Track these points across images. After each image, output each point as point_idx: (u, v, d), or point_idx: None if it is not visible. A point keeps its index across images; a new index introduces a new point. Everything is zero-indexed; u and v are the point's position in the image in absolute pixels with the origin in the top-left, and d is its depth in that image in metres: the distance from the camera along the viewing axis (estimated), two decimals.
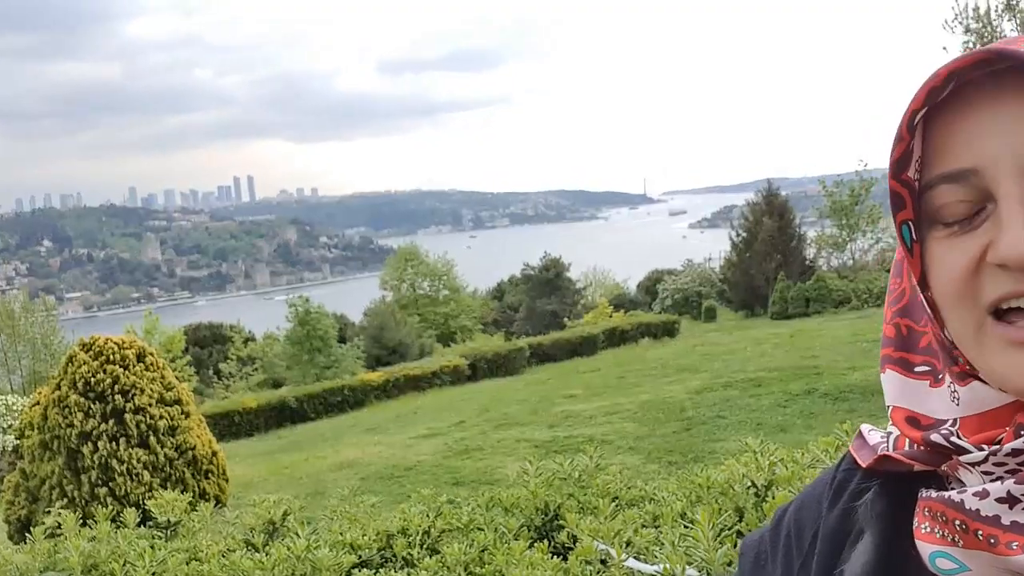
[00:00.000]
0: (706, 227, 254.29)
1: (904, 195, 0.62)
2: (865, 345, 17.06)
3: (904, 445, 0.65)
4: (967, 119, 0.59)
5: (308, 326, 29.94)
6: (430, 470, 11.26)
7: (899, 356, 0.68)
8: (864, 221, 34.31)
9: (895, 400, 0.67)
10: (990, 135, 0.57)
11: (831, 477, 0.77)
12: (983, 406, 0.61)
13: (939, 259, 0.61)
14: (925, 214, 0.62)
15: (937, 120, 0.60)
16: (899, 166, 0.61)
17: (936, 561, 0.61)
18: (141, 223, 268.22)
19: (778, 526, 0.81)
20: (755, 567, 0.83)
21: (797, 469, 2.51)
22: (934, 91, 0.59)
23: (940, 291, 0.61)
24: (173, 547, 3.27)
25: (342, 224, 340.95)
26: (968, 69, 0.58)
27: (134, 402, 9.24)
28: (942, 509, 0.60)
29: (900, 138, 0.60)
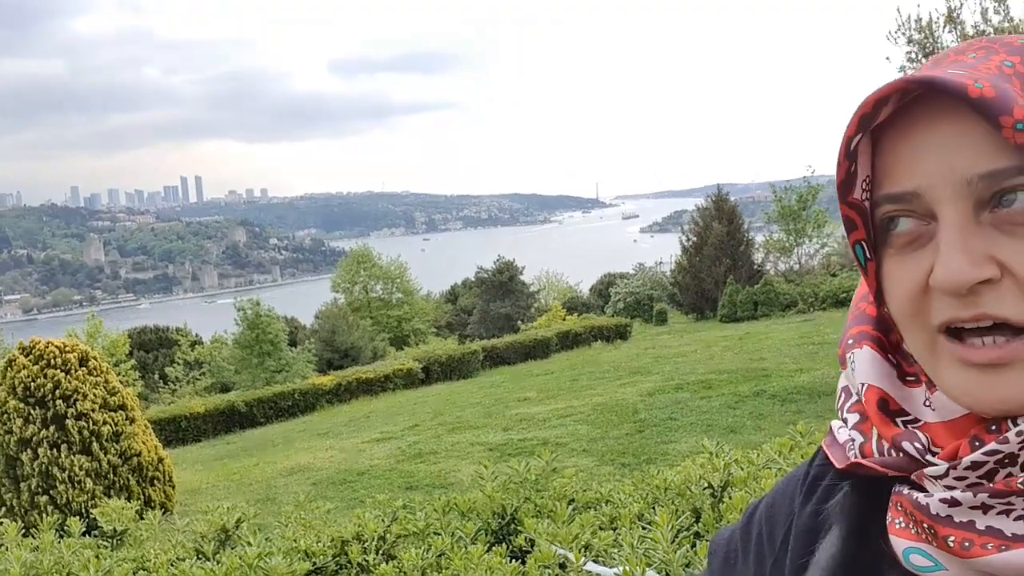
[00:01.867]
0: (657, 231, 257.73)
1: (854, 217, 0.62)
2: (811, 348, 17.43)
3: (873, 451, 0.64)
4: (908, 140, 0.59)
5: (258, 329, 29.45)
6: (383, 474, 11.14)
7: (876, 335, 0.68)
8: (811, 226, 35.10)
9: (869, 378, 0.66)
10: (927, 157, 0.58)
11: (803, 473, 0.76)
12: (949, 414, 0.61)
13: (892, 277, 0.62)
14: (877, 231, 0.63)
15: (884, 139, 0.61)
16: (844, 190, 0.62)
17: (910, 557, 0.61)
18: (84, 223, 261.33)
19: (749, 524, 0.80)
20: (725, 565, 0.81)
21: (752, 470, 2.54)
22: (865, 118, 0.59)
23: (895, 309, 0.62)
24: (119, 556, 3.17)
25: (293, 226, 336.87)
26: (893, 96, 0.58)
27: (76, 407, 8.98)
28: (911, 509, 0.61)
29: (840, 163, 0.61)
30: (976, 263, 0.55)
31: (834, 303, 29.00)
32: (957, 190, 0.56)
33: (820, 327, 21.79)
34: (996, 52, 0.59)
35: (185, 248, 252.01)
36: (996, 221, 0.56)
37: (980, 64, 0.58)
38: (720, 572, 0.82)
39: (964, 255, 0.55)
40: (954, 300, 0.56)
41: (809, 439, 2.66)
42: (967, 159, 0.56)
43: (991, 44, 0.61)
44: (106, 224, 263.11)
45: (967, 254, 0.55)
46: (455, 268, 78.13)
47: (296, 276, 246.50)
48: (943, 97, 0.57)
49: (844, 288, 29.32)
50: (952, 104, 0.57)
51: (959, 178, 0.56)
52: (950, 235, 0.56)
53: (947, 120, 0.57)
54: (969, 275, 0.55)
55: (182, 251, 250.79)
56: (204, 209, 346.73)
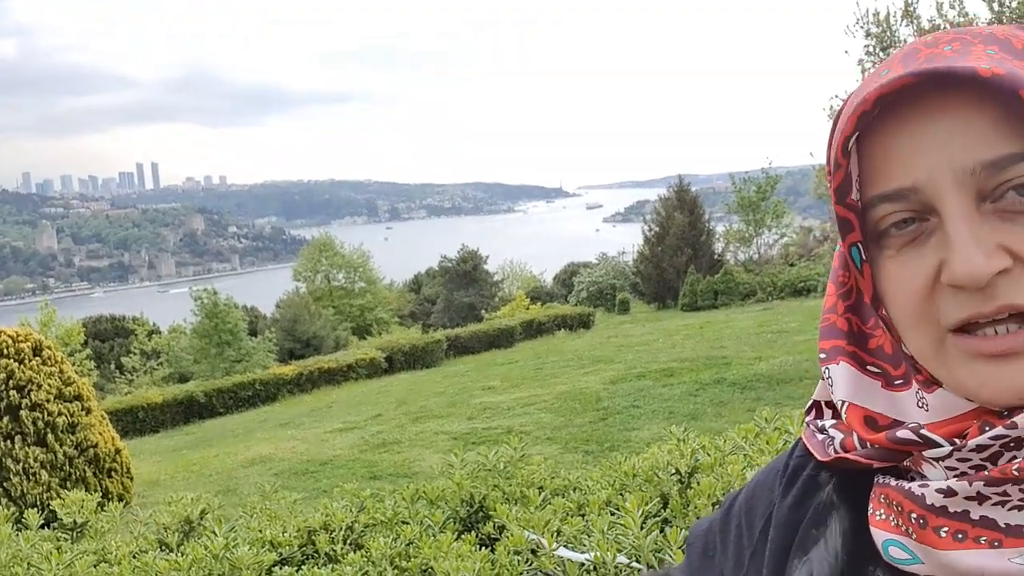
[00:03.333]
0: (620, 221, 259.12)
1: (851, 219, 0.60)
2: (770, 336, 17.72)
3: (855, 445, 0.63)
4: (899, 136, 0.57)
5: (216, 319, 29.03)
6: (347, 464, 11.08)
7: (852, 350, 0.66)
8: (769, 217, 35.63)
9: (850, 397, 0.65)
10: (924, 151, 0.56)
11: (783, 464, 0.75)
12: (950, 412, 0.60)
13: (892, 279, 0.60)
14: (870, 233, 0.61)
15: (869, 139, 0.59)
16: (841, 192, 0.60)
17: (889, 549, 0.60)
18: (36, 210, 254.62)
19: (727, 515, 0.80)
20: (703, 557, 0.81)
21: (719, 456, 2.57)
22: (864, 115, 0.57)
23: (897, 311, 0.60)
24: (81, 549, 3.11)
25: (253, 213, 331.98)
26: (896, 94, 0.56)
27: (30, 398, 8.79)
28: (900, 499, 0.60)
29: (837, 165, 0.59)
30: (989, 255, 0.54)
31: (792, 292, 29.49)
32: (960, 180, 0.55)
33: (779, 316, 22.15)
34: (972, 43, 0.58)
35: (141, 236, 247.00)
36: (999, 211, 0.55)
37: (963, 57, 0.56)
38: (698, 564, 0.81)
39: (977, 248, 0.54)
40: (971, 295, 0.55)
41: (774, 425, 2.70)
42: (969, 148, 0.55)
43: (962, 35, 0.60)
44: (59, 211, 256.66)
45: (980, 246, 0.54)
46: (418, 257, 77.74)
47: (256, 265, 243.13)
48: (933, 91, 0.56)
49: (802, 278, 29.82)
50: (947, 96, 0.55)
51: (961, 168, 0.55)
52: (959, 228, 0.55)
53: (944, 111, 0.56)
54: (986, 268, 0.53)
55: (138, 239, 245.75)
56: (161, 196, 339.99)
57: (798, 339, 16.68)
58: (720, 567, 0.78)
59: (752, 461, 2.56)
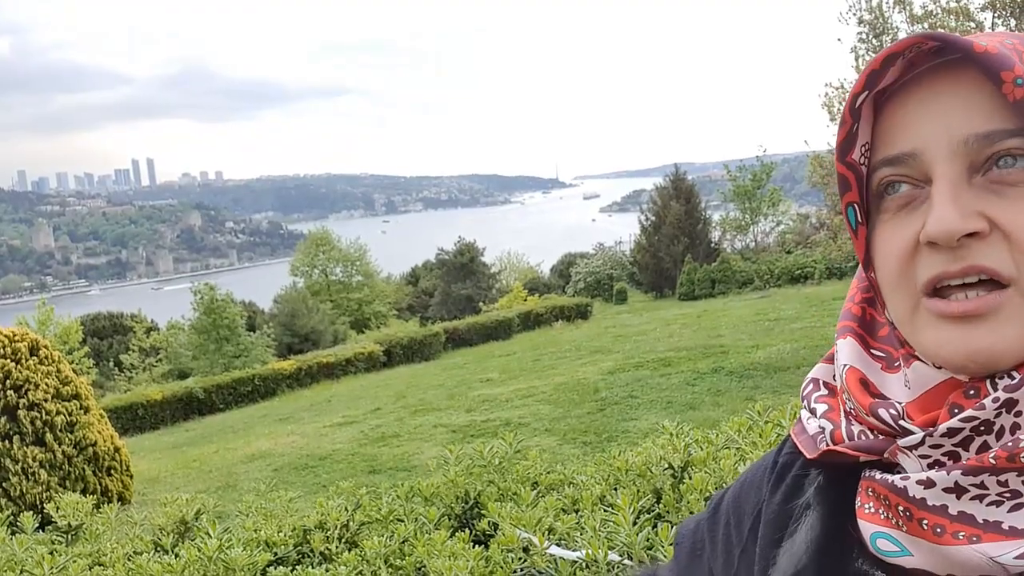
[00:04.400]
0: (616, 211, 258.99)
1: (850, 177, 0.63)
2: (767, 324, 17.73)
3: (843, 437, 0.64)
4: (907, 106, 0.61)
5: (214, 314, 28.99)
6: (346, 458, 11.10)
7: (861, 333, 0.69)
8: (765, 204, 35.63)
9: (851, 361, 0.67)
10: (927, 119, 0.59)
11: (772, 462, 0.76)
12: (925, 386, 0.62)
13: (882, 241, 0.62)
14: (872, 197, 0.64)
15: (885, 109, 0.63)
16: (843, 149, 0.62)
17: (877, 542, 0.61)
18: (32, 208, 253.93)
19: (716, 513, 0.80)
20: (692, 556, 0.81)
21: (712, 450, 2.57)
22: (873, 74, 0.60)
23: (881, 273, 0.63)
24: (75, 552, 3.10)
25: (249, 209, 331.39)
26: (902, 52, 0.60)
27: (28, 398, 8.77)
28: (885, 492, 0.60)
29: (843, 121, 0.62)
30: (966, 216, 0.56)
31: (789, 280, 29.50)
32: (953, 149, 0.58)
33: (776, 303, 22.16)
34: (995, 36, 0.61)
35: (138, 232, 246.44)
36: (987, 182, 0.58)
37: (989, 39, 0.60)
38: (687, 562, 0.81)
39: (955, 207, 0.57)
40: (942, 255, 0.57)
41: (766, 418, 2.70)
42: (964, 120, 0.58)
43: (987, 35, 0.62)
44: (55, 209, 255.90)
45: (958, 207, 0.57)
46: (416, 250, 77.65)
47: (253, 260, 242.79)
48: (944, 66, 0.59)
49: (799, 265, 29.83)
50: (952, 70, 0.59)
51: (955, 138, 0.58)
52: (942, 189, 0.58)
53: (946, 84, 0.59)
54: (959, 225, 0.56)
55: (135, 236, 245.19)
56: (157, 192, 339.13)
57: (795, 327, 16.70)
58: (709, 565, 0.79)
59: (745, 455, 2.56)
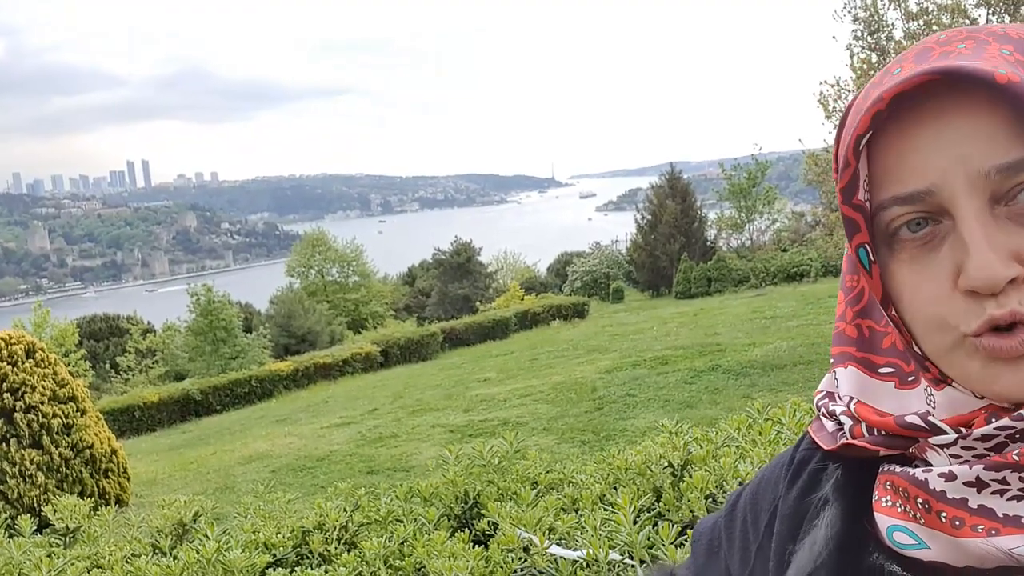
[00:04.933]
0: (612, 210, 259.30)
1: (858, 220, 0.60)
2: (764, 322, 17.75)
3: (863, 432, 0.64)
4: (913, 138, 0.57)
5: (211, 316, 28.94)
6: (344, 459, 11.08)
7: (862, 356, 0.67)
8: (761, 203, 35.65)
9: (857, 394, 0.66)
10: (938, 152, 0.56)
11: (789, 458, 0.76)
12: (959, 410, 0.60)
13: (907, 284, 0.60)
14: (881, 234, 0.60)
15: (880, 138, 0.59)
16: (848, 192, 0.59)
17: (894, 535, 0.60)
18: (27, 210, 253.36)
19: (733, 511, 0.80)
20: (708, 553, 0.81)
21: (711, 448, 2.57)
22: (879, 115, 0.57)
23: (912, 315, 0.60)
24: (73, 554, 3.09)
25: (245, 209, 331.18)
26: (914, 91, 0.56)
27: (24, 400, 8.76)
28: (905, 485, 0.60)
29: (847, 164, 0.58)
30: (1004, 260, 0.54)
31: (785, 278, 29.54)
32: (974, 183, 0.55)
33: (772, 301, 22.19)
34: (986, 42, 0.58)
35: (134, 234, 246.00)
36: (1012, 214, 0.55)
37: (979, 55, 0.56)
38: (704, 559, 0.81)
39: (993, 253, 0.54)
40: (985, 300, 0.55)
41: (766, 415, 2.70)
42: (983, 151, 0.55)
43: (976, 34, 0.59)
44: (50, 211, 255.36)
45: (995, 251, 0.54)
46: (412, 250, 77.62)
47: (249, 261, 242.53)
48: (945, 92, 0.56)
49: (795, 263, 29.88)
50: (961, 97, 0.55)
51: (975, 171, 0.55)
52: (975, 232, 0.55)
53: (957, 113, 0.56)
54: (1002, 273, 0.54)
55: (131, 237, 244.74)
56: (153, 194, 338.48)
57: (791, 324, 16.72)
58: (726, 562, 0.79)
59: (745, 452, 2.56)
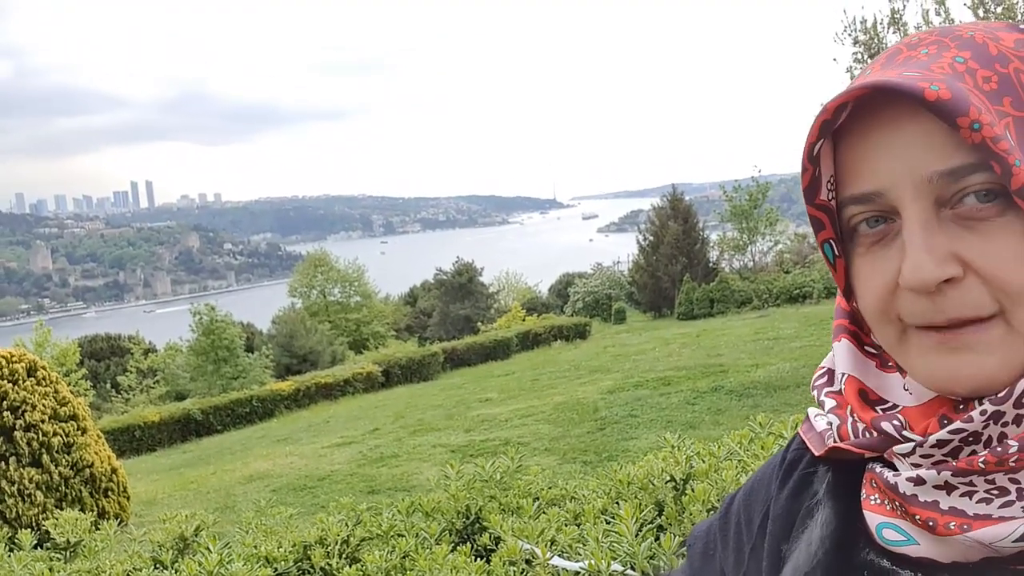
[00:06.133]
0: (613, 231, 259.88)
1: (821, 218, 0.64)
2: (767, 343, 17.72)
3: (849, 433, 0.66)
4: (868, 142, 0.61)
5: (213, 335, 28.93)
6: (345, 479, 11.03)
7: (854, 330, 0.70)
8: (763, 224, 35.70)
9: (849, 369, 0.68)
10: (888, 158, 0.59)
11: (780, 459, 0.77)
12: (923, 397, 0.64)
13: (862, 276, 0.63)
14: (844, 229, 0.64)
15: (845, 141, 0.62)
16: (810, 193, 0.64)
17: (883, 532, 0.62)
18: (30, 230, 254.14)
19: (727, 514, 0.81)
20: (704, 557, 0.82)
21: (714, 462, 2.57)
22: (826, 124, 0.60)
23: (864, 306, 0.64)
24: (73, 568, 3.08)
25: (247, 230, 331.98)
26: (851, 103, 0.60)
27: (25, 419, 8.73)
28: (882, 486, 0.62)
29: (804, 169, 0.63)
30: (940, 262, 0.57)
31: (788, 299, 29.50)
32: (918, 188, 0.58)
33: (775, 323, 22.15)
34: (948, 47, 0.60)
35: (137, 254, 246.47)
36: (956, 217, 0.58)
37: (933, 63, 0.59)
38: (699, 563, 0.82)
39: (928, 254, 0.57)
40: (925, 301, 0.58)
41: (768, 430, 2.70)
42: (927, 158, 0.58)
43: (942, 38, 0.62)
44: (53, 231, 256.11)
45: (931, 252, 0.57)
46: (414, 271, 77.67)
47: (252, 281, 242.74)
48: (900, 101, 0.58)
49: (797, 284, 29.85)
50: (910, 104, 0.58)
51: (919, 176, 0.58)
52: (914, 234, 0.58)
53: (906, 120, 0.58)
54: (934, 274, 0.56)
55: (134, 258, 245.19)
56: (156, 215, 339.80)
57: (794, 345, 16.69)
58: (721, 565, 0.80)
59: (747, 466, 2.56)
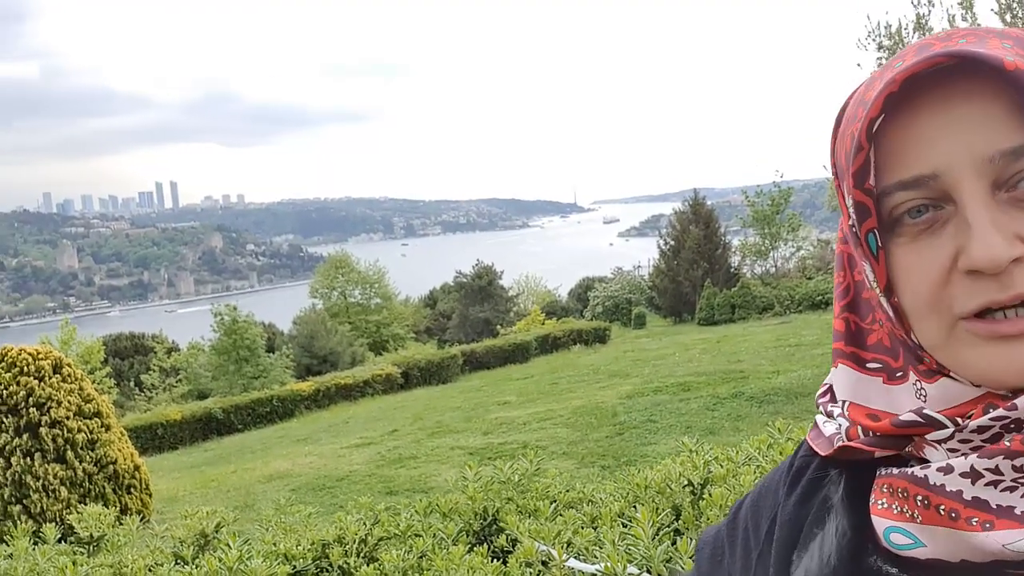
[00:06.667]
0: (634, 235, 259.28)
1: (868, 204, 0.60)
2: (788, 349, 17.59)
3: (859, 434, 0.64)
4: (918, 123, 0.58)
5: (235, 335, 29.20)
6: (363, 479, 11.08)
7: (851, 351, 0.67)
8: (785, 230, 35.45)
9: (850, 396, 0.66)
10: (944, 138, 0.57)
11: (788, 465, 0.76)
12: (952, 401, 0.60)
13: (905, 268, 0.59)
14: (885, 220, 0.60)
15: (884, 126, 0.59)
16: (860, 176, 0.59)
17: (891, 536, 0.61)
18: (56, 230, 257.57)
19: (735, 519, 0.81)
20: (712, 562, 0.81)
21: (732, 467, 2.56)
22: (891, 97, 0.57)
23: (910, 299, 0.60)
24: (96, 563, 3.13)
25: (270, 231, 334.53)
26: (920, 79, 0.56)
27: (50, 415, 8.85)
28: (904, 485, 0.60)
29: (860, 147, 0.58)
30: (1009, 241, 0.55)
31: (810, 306, 29.27)
32: (978, 168, 0.56)
33: (796, 329, 21.99)
34: (987, 38, 0.59)
35: (161, 254, 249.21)
36: (1014, 199, 0.56)
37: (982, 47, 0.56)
38: (707, 568, 0.82)
39: (997, 233, 0.55)
40: (987, 282, 0.55)
41: (787, 435, 2.69)
42: (987, 137, 0.56)
43: (975, 32, 0.60)
44: (80, 230, 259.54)
45: (999, 232, 0.55)
46: (434, 273, 77.88)
47: (274, 282, 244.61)
48: (952, 79, 0.56)
49: (819, 291, 29.60)
50: (966, 84, 0.56)
51: (979, 156, 0.55)
52: (979, 214, 0.55)
53: (963, 100, 0.56)
54: (1006, 252, 0.54)
55: (158, 257, 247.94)
56: (180, 215, 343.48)
57: (816, 352, 16.54)
58: (729, 571, 0.79)
59: (765, 472, 2.55)
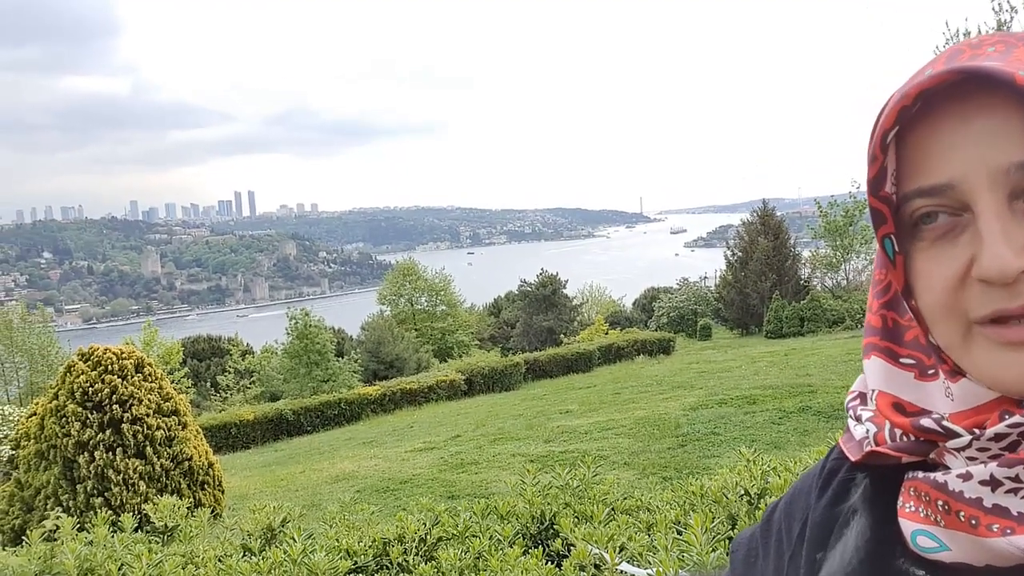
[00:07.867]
0: (701, 246, 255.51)
1: (884, 211, 0.62)
2: (858, 364, 16.67)
3: (886, 439, 0.66)
4: (938, 133, 0.59)
5: (307, 339, 29.92)
6: (425, 483, 11.22)
7: (885, 346, 0.69)
8: (858, 241, 34.45)
9: (880, 385, 0.68)
10: (961, 149, 0.58)
11: (820, 468, 0.78)
12: (974, 401, 0.61)
13: (923, 272, 0.62)
14: (905, 225, 0.63)
15: (908, 134, 0.61)
16: (876, 184, 0.62)
17: (917, 539, 0.62)
18: (142, 236, 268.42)
19: (768, 522, 0.82)
20: (746, 564, 0.83)
21: (790, 477, 2.54)
22: (905, 110, 0.59)
23: (926, 303, 0.62)
24: (170, 551, 3.29)
25: (341, 239, 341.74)
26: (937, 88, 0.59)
27: (131, 412, 9.21)
28: (927, 489, 0.61)
29: (874, 158, 0.61)
30: (1018, 252, 0.56)
31: None
32: (994, 179, 0.57)
33: None
34: (1015, 46, 0.60)
35: (238, 261, 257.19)
36: None
37: (1006, 58, 0.58)
38: (741, 570, 0.84)
39: (1008, 245, 0.56)
40: (998, 291, 0.57)
41: None
42: (1004, 149, 0.57)
43: (1006, 38, 0.62)
44: (163, 237, 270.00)
45: (1010, 244, 0.56)
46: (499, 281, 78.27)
47: (344, 289, 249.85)
48: (971, 91, 0.58)
49: None
50: (985, 96, 0.57)
51: (996, 167, 0.57)
52: (991, 225, 0.57)
53: (979, 111, 0.58)
54: (1015, 264, 0.56)
55: (235, 263, 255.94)
56: (257, 223, 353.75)
57: None
58: (762, 572, 0.81)
59: None
